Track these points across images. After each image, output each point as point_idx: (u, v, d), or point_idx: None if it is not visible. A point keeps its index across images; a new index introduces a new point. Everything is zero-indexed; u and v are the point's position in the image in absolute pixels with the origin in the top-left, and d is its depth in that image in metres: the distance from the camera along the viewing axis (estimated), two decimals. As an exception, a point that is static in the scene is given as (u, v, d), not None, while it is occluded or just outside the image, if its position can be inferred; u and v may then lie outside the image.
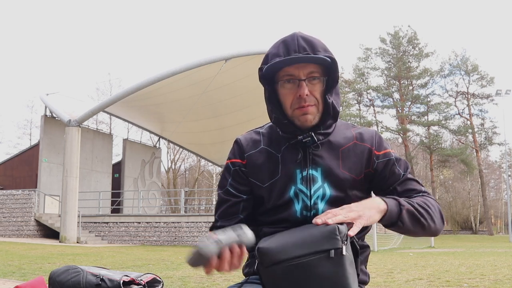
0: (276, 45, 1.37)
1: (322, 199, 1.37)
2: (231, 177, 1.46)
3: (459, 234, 52.54)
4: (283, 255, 1.13)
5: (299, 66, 1.33)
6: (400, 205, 1.30)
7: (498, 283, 6.26)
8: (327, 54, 1.34)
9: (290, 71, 1.34)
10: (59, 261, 9.17)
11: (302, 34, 1.37)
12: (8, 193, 20.73)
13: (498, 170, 63.05)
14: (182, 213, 21.13)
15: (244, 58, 17.87)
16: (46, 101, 20.50)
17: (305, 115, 1.35)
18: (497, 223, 65.17)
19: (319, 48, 1.35)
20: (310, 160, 1.39)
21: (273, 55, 1.36)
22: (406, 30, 48.09)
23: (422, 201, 1.35)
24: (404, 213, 1.29)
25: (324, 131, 1.40)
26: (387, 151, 1.43)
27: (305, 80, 1.33)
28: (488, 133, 48.77)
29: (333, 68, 1.36)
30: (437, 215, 1.36)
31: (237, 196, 1.45)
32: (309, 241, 1.13)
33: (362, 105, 49.54)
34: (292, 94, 1.35)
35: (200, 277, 6.86)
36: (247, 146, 1.46)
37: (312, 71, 1.34)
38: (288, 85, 1.35)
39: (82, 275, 1.94)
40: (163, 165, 42.27)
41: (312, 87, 1.34)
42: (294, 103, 1.35)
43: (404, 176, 1.41)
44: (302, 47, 1.33)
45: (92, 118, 28.13)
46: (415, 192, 1.40)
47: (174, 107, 23.06)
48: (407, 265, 9.26)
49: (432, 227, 1.34)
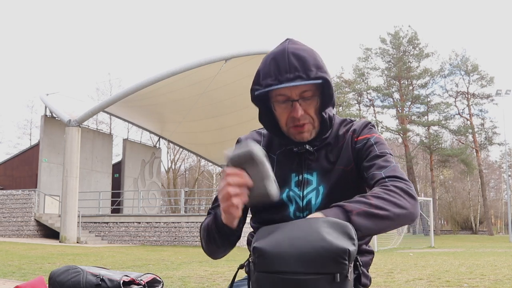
0: (267, 62, 1.34)
1: (317, 197, 1.37)
2: None
3: (459, 234, 52.53)
4: (281, 266, 1.01)
5: (291, 87, 1.31)
6: (346, 211, 1.14)
7: (498, 283, 6.26)
8: (320, 72, 1.31)
9: (282, 92, 1.33)
10: (59, 261, 9.17)
11: (293, 50, 1.32)
12: (8, 193, 20.72)
13: (498, 170, 63.06)
14: (182, 213, 21.14)
15: (244, 58, 17.87)
16: (46, 101, 20.51)
17: (301, 134, 1.36)
18: (497, 223, 65.16)
19: (311, 66, 1.31)
20: (306, 165, 1.39)
21: (264, 74, 1.33)
22: (407, 30, 48.08)
23: (377, 191, 1.21)
24: (355, 218, 1.12)
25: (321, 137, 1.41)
26: (367, 136, 1.39)
27: (298, 101, 1.32)
28: (488, 133, 48.75)
29: (327, 87, 1.34)
30: (401, 198, 1.19)
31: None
32: (313, 258, 1.00)
33: (362, 105, 49.55)
34: (286, 113, 1.35)
35: (200, 277, 6.86)
36: None
37: (305, 90, 1.32)
38: (282, 105, 1.35)
39: (82, 275, 1.94)
40: (163, 165, 42.29)
41: (306, 106, 1.33)
42: (289, 122, 1.35)
43: (374, 153, 1.34)
44: (293, 67, 1.30)
45: (92, 118, 28.14)
46: (376, 167, 1.30)
47: (174, 107, 23.06)
48: (407, 265, 9.26)
49: (403, 213, 1.18)
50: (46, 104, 20.70)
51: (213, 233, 1.31)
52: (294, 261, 1.00)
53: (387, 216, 1.16)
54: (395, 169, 1.29)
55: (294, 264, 1.00)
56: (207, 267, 8.39)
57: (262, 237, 1.08)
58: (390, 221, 1.17)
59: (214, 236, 1.31)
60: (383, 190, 1.21)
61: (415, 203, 1.22)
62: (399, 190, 1.21)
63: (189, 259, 10.60)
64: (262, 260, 1.04)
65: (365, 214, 1.14)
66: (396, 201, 1.18)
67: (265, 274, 1.03)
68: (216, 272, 7.53)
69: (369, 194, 1.20)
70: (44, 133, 21.76)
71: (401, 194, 1.20)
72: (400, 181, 1.24)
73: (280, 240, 1.05)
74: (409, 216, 1.19)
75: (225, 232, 1.28)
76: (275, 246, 1.04)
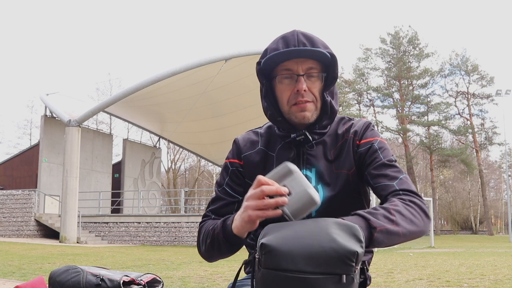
0: (276, 41, 1.36)
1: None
2: (228, 176, 1.46)
3: (459, 234, 52.54)
4: (288, 264, 1.00)
5: (298, 61, 1.31)
6: (371, 227, 1.12)
7: (498, 283, 6.27)
8: (327, 50, 1.32)
9: (288, 66, 1.32)
10: (59, 261, 9.17)
11: (302, 31, 1.35)
12: (8, 193, 20.72)
13: (498, 170, 63.01)
14: (182, 213, 21.14)
15: (244, 58, 17.88)
16: (46, 101, 20.51)
17: (303, 112, 1.33)
18: (497, 223, 65.14)
19: (319, 44, 1.33)
20: (304, 160, 1.38)
21: (272, 50, 1.33)
22: (407, 30, 48.17)
23: (399, 205, 1.20)
24: (377, 236, 1.12)
25: (320, 130, 1.38)
26: (370, 139, 1.38)
27: (303, 76, 1.32)
28: (488, 133, 48.73)
29: (333, 64, 1.34)
30: (418, 217, 1.21)
31: (233, 196, 1.44)
32: (321, 258, 0.99)
33: (362, 105, 49.53)
34: (290, 90, 1.33)
35: (200, 277, 6.87)
36: (245, 146, 1.46)
37: (311, 66, 1.32)
38: (286, 80, 1.33)
39: (82, 275, 1.94)
40: (163, 165, 42.28)
41: (310, 84, 1.33)
42: (291, 99, 1.33)
43: (381, 161, 1.33)
44: (301, 43, 1.32)
45: (92, 118, 28.15)
46: (387, 178, 1.29)
47: (174, 107, 23.06)
48: (407, 265, 9.26)
49: (416, 231, 1.20)
50: (46, 104, 20.70)
51: (219, 241, 1.29)
52: (301, 259, 0.99)
53: (403, 234, 1.17)
54: (406, 181, 1.29)
55: (301, 262, 0.99)
56: (207, 267, 8.39)
57: (270, 234, 1.05)
58: (403, 238, 1.19)
59: (220, 244, 1.30)
60: (404, 206, 1.21)
61: (428, 222, 1.24)
62: (417, 208, 1.22)
63: (189, 259, 10.60)
64: (270, 257, 1.02)
65: (386, 232, 1.14)
66: (413, 219, 1.20)
67: (271, 271, 1.01)
68: (216, 272, 7.53)
69: (392, 208, 1.19)
70: (44, 133, 21.76)
71: (419, 213, 1.22)
72: (416, 198, 1.25)
73: (288, 237, 1.03)
74: (419, 234, 1.22)
75: (234, 242, 1.27)
76: (283, 243, 1.02)
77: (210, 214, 1.44)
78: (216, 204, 1.44)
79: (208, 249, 1.34)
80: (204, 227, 1.39)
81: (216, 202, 1.45)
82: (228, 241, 1.27)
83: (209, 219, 1.42)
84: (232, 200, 1.44)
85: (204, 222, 1.42)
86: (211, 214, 1.43)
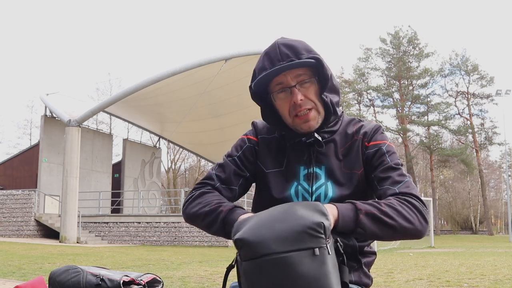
0: (260, 59, 1.37)
1: (325, 197, 1.36)
2: (242, 151, 1.46)
3: (459, 234, 52.52)
4: (263, 249, 1.03)
5: (287, 73, 1.32)
6: (357, 208, 1.18)
7: (498, 283, 6.27)
8: (311, 54, 1.33)
9: (279, 81, 1.34)
10: (59, 261, 9.17)
11: (283, 41, 1.36)
12: (8, 193, 20.71)
13: (498, 170, 63.02)
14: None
15: (244, 58, 17.88)
16: (46, 101, 20.51)
17: (306, 123, 1.35)
18: (497, 223, 65.14)
19: (302, 50, 1.33)
20: (314, 158, 1.39)
21: (259, 69, 1.35)
22: (407, 30, 48.06)
23: (392, 201, 1.24)
24: (362, 217, 1.17)
25: (329, 129, 1.40)
26: (379, 142, 1.40)
27: (296, 86, 1.33)
28: (488, 133, 48.72)
29: (320, 66, 1.34)
30: (413, 214, 1.22)
31: (242, 169, 1.45)
32: (291, 236, 1.03)
33: (362, 105, 49.53)
34: (287, 102, 1.35)
35: (200, 277, 6.87)
36: (263, 129, 1.49)
37: (300, 74, 1.33)
38: (281, 95, 1.35)
39: (82, 275, 1.93)
40: (163, 165, 42.27)
41: (305, 91, 1.34)
42: (291, 111, 1.35)
43: (388, 164, 1.35)
44: (285, 55, 1.32)
45: (92, 118, 28.14)
46: (390, 182, 1.31)
47: (174, 107, 23.06)
48: (407, 265, 9.26)
49: (409, 228, 1.21)
50: (46, 104, 20.70)
51: (218, 231, 1.33)
52: (273, 242, 1.03)
53: (393, 226, 1.20)
54: (408, 185, 1.30)
55: (274, 245, 1.03)
56: (207, 267, 8.40)
57: (241, 228, 1.11)
58: (394, 232, 1.20)
59: (216, 231, 1.33)
60: (397, 202, 1.24)
61: (425, 224, 1.24)
62: (413, 207, 1.24)
63: (189, 259, 10.60)
64: (245, 249, 1.06)
65: (372, 217, 1.19)
66: (406, 214, 1.22)
67: (250, 261, 1.06)
68: (216, 272, 7.53)
69: (382, 201, 1.23)
70: (44, 133, 21.76)
71: (413, 210, 1.23)
72: (414, 199, 1.26)
73: (257, 226, 1.08)
74: (415, 233, 1.23)
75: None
76: (254, 232, 1.07)
77: (215, 179, 1.43)
78: (223, 171, 1.44)
79: (201, 222, 1.36)
80: (207, 198, 1.38)
81: (223, 169, 1.45)
82: (226, 235, 1.30)
83: (212, 190, 1.41)
84: (240, 173, 1.44)
85: (208, 191, 1.40)
86: (217, 180, 1.43)
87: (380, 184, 1.33)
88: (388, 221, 1.19)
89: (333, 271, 1.05)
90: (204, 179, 1.45)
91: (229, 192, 1.43)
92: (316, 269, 1.03)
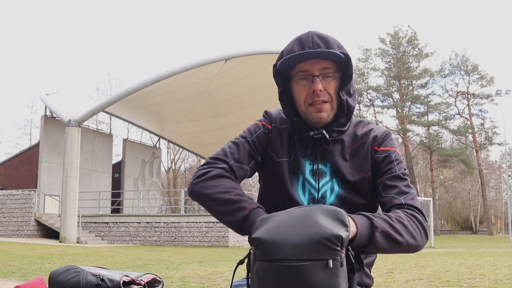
0: (291, 43, 1.38)
1: (331, 193, 1.37)
2: (256, 135, 1.45)
3: (459, 234, 52.53)
4: (277, 254, 1.03)
5: (313, 62, 1.34)
6: (373, 226, 1.18)
7: (498, 283, 6.27)
8: (342, 50, 1.34)
9: (304, 67, 1.35)
10: (59, 261, 9.17)
11: (317, 32, 1.38)
12: (8, 193, 20.71)
13: (498, 170, 63.02)
14: (182, 213, 21.13)
15: (244, 58, 17.86)
16: (46, 101, 20.50)
17: (319, 113, 1.35)
18: (497, 223, 65.13)
19: (334, 45, 1.35)
20: (320, 155, 1.40)
21: (287, 51, 1.37)
22: (406, 30, 48.07)
23: (401, 215, 1.25)
24: (378, 236, 1.17)
25: (338, 128, 1.40)
26: (389, 148, 1.41)
27: (318, 76, 1.34)
28: (488, 133, 48.73)
29: (347, 64, 1.36)
30: (417, 231, 1.25)
31: (255, 153, 1.43)
32: (306, 245, 1.02)
33: (362, 105, 49.49)
34: (306, 90, 1.35)
35: (200, 277, 6.87)
36: (276, 118, 1.48)
37: (326, 67, 1.35)
38: (302, 81, 1.36)
39: (82, 275, 1.93)
40: (163, 165, 42.27)
41: (326, 84, 1.35)
42: (308, 99, 1.35)
43: (395, 173, 1.36)
44: (316, 44, 1.34)
45: (92, 118, 28.13)
46: (396, 191, 1.33)
47: (174, 107, 23.06)
48: (407, 265, 9.26)
49: (413, 244, 1.24)
50: (46, 104, 20.69)
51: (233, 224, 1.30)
52: (290, 248, 1.02)
53: (401, 243, 1.22)
54: (413, 197, 1.33)
55: (290, 251, 1.02)
56: (207, 267, 8.40)
57: (260, 227, 1.09)
58: (400, 248, 1.23)
59: (230, 222, 1.31)
60: (406, 217, 1.26)
61: (426, 240, 1.29)
62: (418, 224, 1.27)
63: (189, 259, 10.60)
64: (260, 249, 1.05)
65: (386, 235, 1.19)
66: (413, 232, 1.24)
67: (264, 262, 1.04)
68: (216, 272, 7.53)
69: (394, 217, 1.24)
70: (44, 133, 21.75)
71: (420, 228, 1.27)
72: (419, 214, 1.29)
73: (275, 228, 1.06)
74: (415, 248, 1.27)
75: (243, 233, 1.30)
76: (271, 234, 1.05)
77: (230, 156, 1.39)
78: (238, 150, 1.41)
79: (216, 207, 1.32)
80: (225, 183, 1.33)
81: (238, 148, 1.41)
82: (242, 231, 1.30)
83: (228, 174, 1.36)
84: (254, 155, 1.43)
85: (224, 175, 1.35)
86: (231, 157, 1.39)
87: (385, 191, 1.34)
88: (398, 238, 1.21)
89: (343, 283, 1.05)
90: (217, 155, 1.40)
91: (241, 171, 1.40)
92: (327, 280, 1.02)
